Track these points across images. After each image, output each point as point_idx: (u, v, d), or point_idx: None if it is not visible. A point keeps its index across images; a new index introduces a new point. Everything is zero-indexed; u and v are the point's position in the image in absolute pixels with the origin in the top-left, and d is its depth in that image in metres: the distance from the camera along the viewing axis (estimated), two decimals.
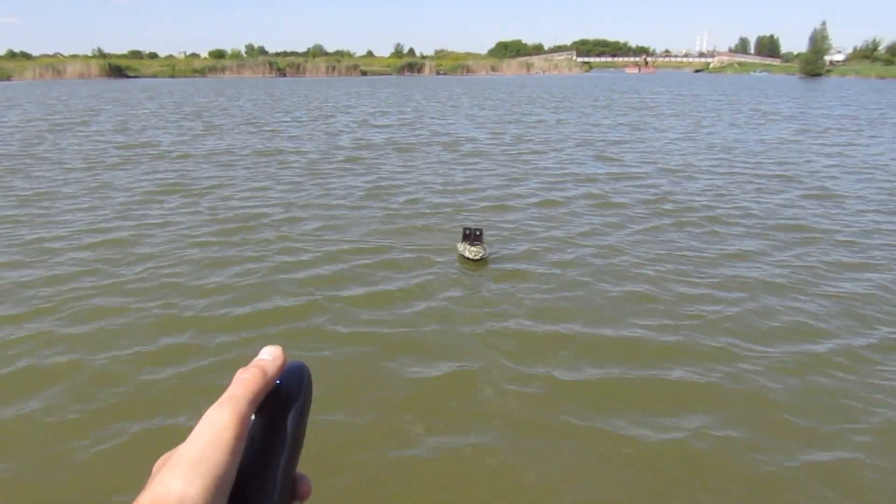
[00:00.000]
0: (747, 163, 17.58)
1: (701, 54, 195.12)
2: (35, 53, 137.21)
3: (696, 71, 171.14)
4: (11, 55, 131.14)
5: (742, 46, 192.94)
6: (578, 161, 17.91)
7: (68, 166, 17.08)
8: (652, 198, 13.19)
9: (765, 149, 20.41)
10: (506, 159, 18.20)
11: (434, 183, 14.69)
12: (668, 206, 12.45)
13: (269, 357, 0.60)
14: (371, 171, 16.19)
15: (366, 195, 13.43)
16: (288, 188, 14.21)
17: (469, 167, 16.86)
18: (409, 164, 17.40)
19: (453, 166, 17.01)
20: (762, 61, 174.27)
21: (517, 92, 60.57)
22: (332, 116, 33.08)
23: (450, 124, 28.72)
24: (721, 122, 29.84)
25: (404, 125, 28.40)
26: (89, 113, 34.88)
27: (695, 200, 12.98)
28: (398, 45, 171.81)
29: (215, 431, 0.52)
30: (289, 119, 31.57)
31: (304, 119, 31.70)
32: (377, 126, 27.98)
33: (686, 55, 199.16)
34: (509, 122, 29.53)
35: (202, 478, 0.49)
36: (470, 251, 8.66)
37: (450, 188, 14.15)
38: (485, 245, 8.84)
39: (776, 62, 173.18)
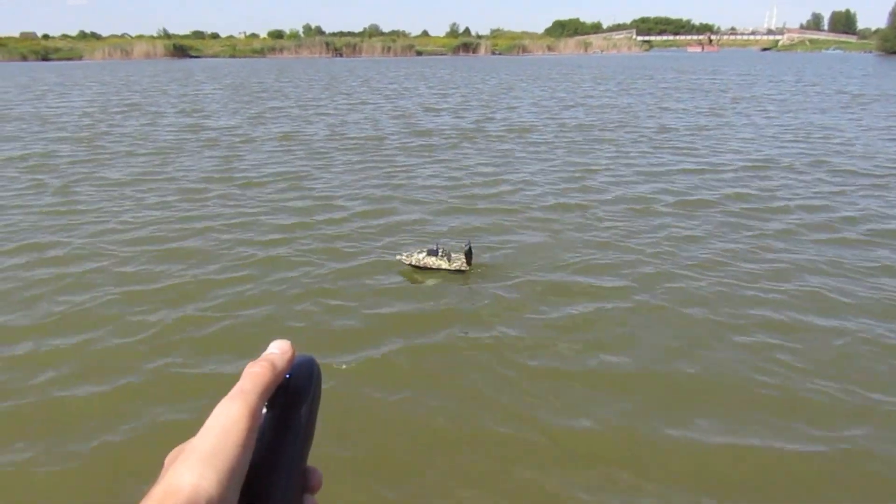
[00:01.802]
0: (845, 153, 16.26)
1: (769, 31, 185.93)
2: (104, 34, 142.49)
3: (764, 49, 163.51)
4: (82, 35, 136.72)
5: (814, 23, 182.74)
6: (655, 152, 16.99)
7: (130, 150, 17.36)
8: (747, 199, 12.04)
9: (864, 138, 18.88)
10: (573, 148, 17.46)
11: (506, 176, 14.13)
12: (766, 209, 11.28)
13: (278, 351, 0.60)
14: (436, 161, 15.78)
15: (430, 187, 13.00)
16: (351, 177, 13.95)
17: (537, 158, 16.24)
18: (478, 154, 16.89)
19: (521, 156, 16.40)
20: (836, 38, 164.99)
21: (577, 73, 58.94)
22: (394, 100, 32.83)
23: (510, 109, 28.01)
24: (807, 105, 28.00)
25: (468, 109, 27.86)
26: (153, 94, 35.72)
27: (800, 201, 11.79)
28: (454, 24, 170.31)
29: (227, 425, 0.53)
30: (348, 102, 31.50)
31: (366, 102, 31.56)
32: (439, 110, 27.54)
33: (753, 32, 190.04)
34: (574, 106, 28.58)
35: (215, 470, 0.49)
36: (412, 256, 8.02)
37: (519, 182, 13.45)
38: (435, 261, 7.95)
39: (852, 39, 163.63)
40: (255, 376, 0.57)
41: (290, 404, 0.60)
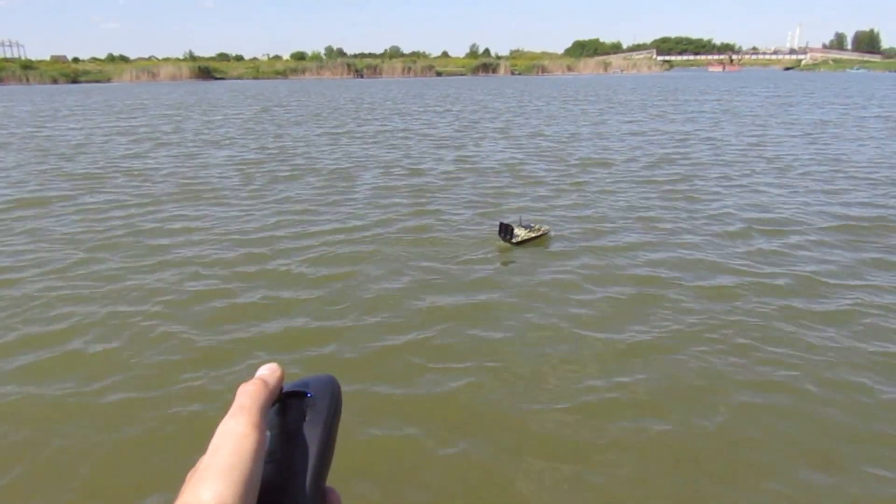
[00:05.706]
0: None
1: (792, 51, 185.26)
2: (132, 56, 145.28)
3: (786, 69, 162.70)
4: (111, 58, 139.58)
5: (838, 42, 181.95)
6: (792, 196, 15.87)
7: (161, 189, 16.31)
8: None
9: None
10: (654, 191, 16.47)
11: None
12: None
13: (268, 371, 0.63)
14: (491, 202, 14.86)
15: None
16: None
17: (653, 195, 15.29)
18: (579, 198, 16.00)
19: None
20: (860, 58, 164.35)
21: (606, 93, 58.10)
22: (432, 126, 32.16)
23: (558, 137, 27.12)
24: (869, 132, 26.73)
25: (527, 136, 27.04)
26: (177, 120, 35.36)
27: None
28: (473, 45, 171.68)
29: (236, 440, 0.54)
30: (392, 128, 30.87)
31: (409, 133, 30.91)
32: (494, 139, 26.69)
33: (775, 52, 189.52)
34: (631, 134, 27.61)
35: (233, 485, 0.50)
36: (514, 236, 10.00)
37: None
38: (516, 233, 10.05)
39: (876, 58, 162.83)
40: (250, 393, 0.59)
41: (309, 422, 0.61)
